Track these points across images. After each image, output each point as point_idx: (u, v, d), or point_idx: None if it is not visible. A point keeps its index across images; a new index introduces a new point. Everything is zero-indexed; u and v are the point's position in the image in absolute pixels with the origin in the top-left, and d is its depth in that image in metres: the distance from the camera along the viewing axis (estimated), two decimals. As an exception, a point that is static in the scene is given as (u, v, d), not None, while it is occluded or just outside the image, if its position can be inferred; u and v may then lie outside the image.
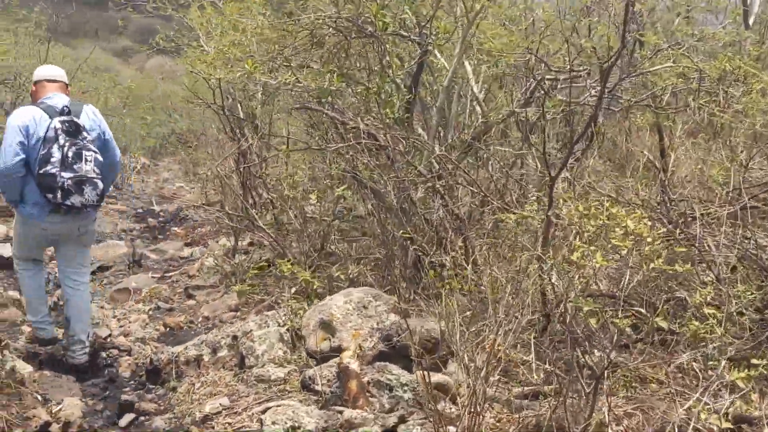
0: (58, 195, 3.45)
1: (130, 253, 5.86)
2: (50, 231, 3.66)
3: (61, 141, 3.46)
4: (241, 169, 6.76)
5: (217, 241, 7.00)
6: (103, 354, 3.94)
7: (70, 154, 3.46)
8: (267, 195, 6.71)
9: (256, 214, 6.00)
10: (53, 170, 3.44)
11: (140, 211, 8.77)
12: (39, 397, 3.23)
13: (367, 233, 4.88)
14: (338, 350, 3.02)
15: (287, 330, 3.57)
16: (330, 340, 3.17)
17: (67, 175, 3.45)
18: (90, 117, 3.69)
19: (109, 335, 4.26)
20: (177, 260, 6.46)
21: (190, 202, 8.54)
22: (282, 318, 3.73)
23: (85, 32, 33.77)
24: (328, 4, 4.41)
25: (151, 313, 4.82)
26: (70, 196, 3.47)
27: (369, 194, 4.14)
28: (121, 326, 4.50)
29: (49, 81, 3.75)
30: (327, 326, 3.22)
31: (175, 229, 7.50)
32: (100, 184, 3.59)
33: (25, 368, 3.43)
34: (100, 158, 3.61)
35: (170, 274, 5.88)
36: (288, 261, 4.24)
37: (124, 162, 10.38)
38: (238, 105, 7.26)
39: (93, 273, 5.58)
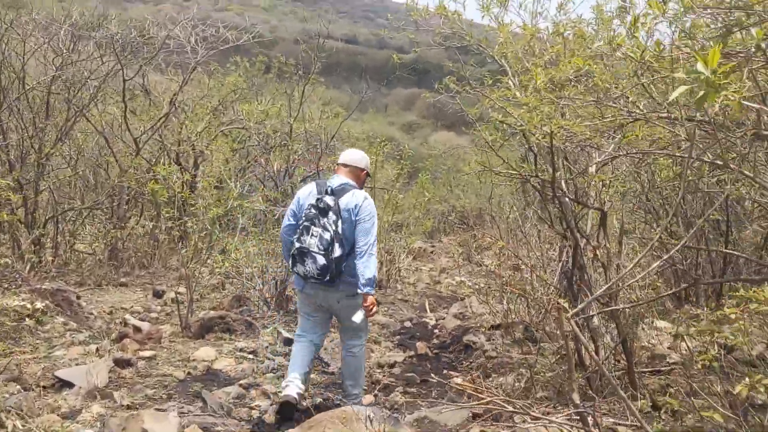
0: (290, 262, 3.87)
1: (373, 439, 3.36)
2: (310, 299, 3.97)
3: (303, 216, 3.84)
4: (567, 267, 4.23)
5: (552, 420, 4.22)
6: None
7: (301, 227, 3.80)
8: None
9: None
10: (295, 240, 3.82)
11: (407, 324, 6.46)
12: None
13: None
14: None
15: None
16: None
17: (297, 245, 3.78)
18: (350, 203, 3.80)
19: None
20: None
21: (483, 321, 5.91)
22: None
23: (377, 107, 35.19)
24: None
25: None
26: (296, 265, 3.80)
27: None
28: None
29: (342, 165, 4.05)
30: None
31: (455, 375, 4.77)
32: (321, 260, 3.69)
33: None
34: (327, 238, 3.71)
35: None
36: None
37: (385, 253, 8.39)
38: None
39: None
